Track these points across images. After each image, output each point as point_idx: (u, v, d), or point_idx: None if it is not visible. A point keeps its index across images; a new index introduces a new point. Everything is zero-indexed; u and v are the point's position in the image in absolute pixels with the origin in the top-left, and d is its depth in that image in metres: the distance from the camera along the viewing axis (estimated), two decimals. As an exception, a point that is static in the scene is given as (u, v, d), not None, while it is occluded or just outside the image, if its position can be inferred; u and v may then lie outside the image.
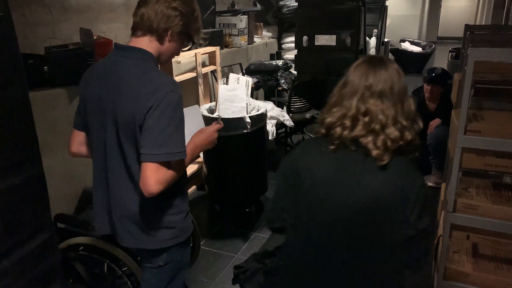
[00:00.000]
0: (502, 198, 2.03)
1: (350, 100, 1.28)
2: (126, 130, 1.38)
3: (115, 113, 1.39)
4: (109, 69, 1.46)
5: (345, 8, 4.60)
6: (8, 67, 1.35)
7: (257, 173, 3.33)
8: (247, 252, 2.92)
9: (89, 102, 1.49)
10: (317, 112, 4.69)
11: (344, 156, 1.27)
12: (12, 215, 1.40)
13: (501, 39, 2.43)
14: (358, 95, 1.27)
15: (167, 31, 1.43)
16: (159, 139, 1.32)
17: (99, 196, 1.56)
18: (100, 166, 1.52)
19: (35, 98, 2.53)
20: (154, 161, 1.32)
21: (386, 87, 1.26)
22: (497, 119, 1.97)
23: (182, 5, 1.43)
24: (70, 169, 2.89)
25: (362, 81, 1.29)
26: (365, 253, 1.25)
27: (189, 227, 1.61)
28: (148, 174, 1.32)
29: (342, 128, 1.27)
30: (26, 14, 2.85)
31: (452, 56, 6.55)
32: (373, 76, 1.28)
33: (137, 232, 1.50)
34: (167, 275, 1.62)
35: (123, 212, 1.49)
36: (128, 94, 1.37)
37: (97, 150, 1.51)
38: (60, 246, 2.03)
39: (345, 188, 1.24)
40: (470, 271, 2.04)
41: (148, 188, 1.32)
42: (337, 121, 1.29)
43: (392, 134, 1.22)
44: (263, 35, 6.01)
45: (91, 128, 1.51)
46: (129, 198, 1.46)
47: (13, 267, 1.41)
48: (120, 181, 1.46)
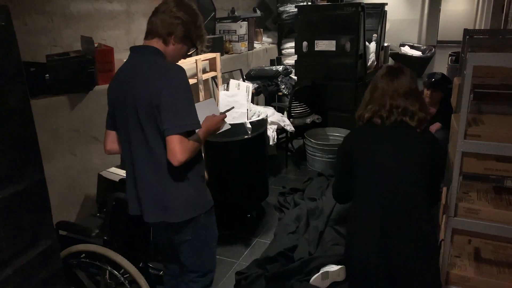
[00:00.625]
0: (503, 202, 2.03)
1: (382, 99, 1.83)
2: (145, 114, 1.62)
3: (134, 101, 1.64)
4: (126, 69, 1.74)
5: (345, 14, 4.62)
6: (9, 75, 1.35)
7: (258, 179, 3.33)
8: (249, 258, 2.91)
9: (115, 102, 1.76)
10: (317, 117, 4.70)
11: (389, 132, 1.83)
12: (13, 222, 1.40)
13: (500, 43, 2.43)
14: (389, 95, 1.82)
15: (171, 36, 1.70)
16: (176, 114, 1.57)
17: (130, 183, 1.80)
18: (128, 155, 1.76)
19: (37, 105, 2.55)
20: (176, 132, 1.56)
21: (408, 88, 1.83)
22: (497, 123, 1.97)
23: (185, 15, 1.70)
24: (71, 176, 2.90)
25: (390, 86, 1.84)
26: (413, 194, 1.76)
27: (208, 202, 1.83)
28: (174, 146, 1.56)
29: (380, 118, 1.83)
30: (28, 22, 2.87)
31: (452, 60, 6.56)
32: (397, 81, 1.84)
33: (160, 208, 1.72)
34: (196, 247, 1.84)
35: (148, 191, 1.72)
36: (142, 82, 1.62)
37: (124, 141, 1.76)
38: (62, 253, 2.03)
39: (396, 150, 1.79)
40: (472, 276, 2.04)
41: (176, 156, 1.56)
42: (374, 115, 1.84)
43: (421, 116, 1.82)
44: (263, 41, 6.03)
45: (118, 124, 1.77)
46: (152, 178, 1.70)
47: (15, 275, 1.41)
48: (145, 166, 1.70)
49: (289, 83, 4.96)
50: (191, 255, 1.87)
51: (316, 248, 2.82)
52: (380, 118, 1.84)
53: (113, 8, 3.57)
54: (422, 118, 1.82)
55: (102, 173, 2.90)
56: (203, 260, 1.91)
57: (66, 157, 2.83)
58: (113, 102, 1.77)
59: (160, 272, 2.73)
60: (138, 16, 3.87)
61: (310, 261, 2.63)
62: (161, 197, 1.71)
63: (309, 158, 4.56)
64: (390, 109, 1.82)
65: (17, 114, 1.40)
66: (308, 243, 2.87)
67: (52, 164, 2.70)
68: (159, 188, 1.70)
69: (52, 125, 2.72)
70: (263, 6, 6.34)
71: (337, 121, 4.84)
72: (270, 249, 2.89)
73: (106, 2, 3.50)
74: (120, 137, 1.79)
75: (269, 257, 2.76)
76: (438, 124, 3.79)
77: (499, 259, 2.14)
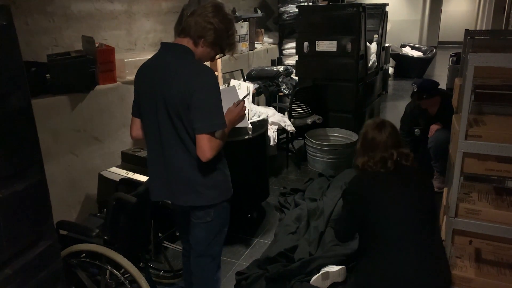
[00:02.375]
0: (504, 203, 2.03)
1: (374, 151, 2.06)
2: (176, 110, 1.72)
3: (164, 97, 1.74)
4: (156, 63, 1.83)
5: (346, 14, 4.62)
6: (10, 75, 1.35)
7: (258, 179, 3.33)
8: (249, 259, 2.91)
9: (142, 93, 1.85)
10: (318, 117, 4.70)
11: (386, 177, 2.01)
12: (14, 222, 1.40)
13: (501, 44, 2.43)
14: (381, 148, 2.05)
15: (201, 39, 1.79)
16: (207, 114, 1.70)
17: (155, 169, 1.90)
18: (155, 143, 1.86)
19: (38, 105, 2.55)
20: (206, 132, 1.69)
21: (395, 139, 2.09)
22: (498, 124, 1.97)
23: (219, 22, 1.78)
24: (72, 176, 2.90)
25: (379, 138, 2.08)
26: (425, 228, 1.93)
27: (231, 189, 1.97)
28: (204, 144, 1.70)
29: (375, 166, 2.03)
30: (29, 22, 2.87)
31: (453, 61, 6.55)
32: (384, 133, 2.09)
33: (191, 192, 1.84)
34: (214, 229, 1.95)
35: (180, 177, 1.84)
36: (174, 80, 1.72)
37: (151, 131, 1.86)
38: (62, 253, 2.03)
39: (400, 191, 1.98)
40: (473, 277, 2.03)
41: (206, 154, 1.70)
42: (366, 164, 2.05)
43: (410, 157, 2.07)
44: (264, 41, 6.03)
45: (144, 114, 1.87)
46: (185, 165, 1.81)
47: (15, 275, 1.41)
48: (176, 152, 1.81)
49: (290, 84, 4.96)
50: (208, 235, 1.96)
51: (317, 248, 2.82)
52: (374, 166, 2.04)
53: (114, 8, 3.57)
54: (412, 159, 2.09)
55: (103, 173, 2.91)
56: (216, 242, 2.01)
57: (66, 156, 2.83)
58: (140, 92, 1.87)
59: (161, 272, 2.74)
60: (139, 16, 3.87)
61: (310, 262, 2.63)
62: (193, 182, 1.83)
63: (310, 158, 4.56)
64: (383, 159, 2.03)
65: (18, 113, 1.40)
66: (309, 243, 2.86)
67: (52, 163, 2.70)
68: (191, 173, 1.82)
69: (53, 125, 2.72)
70: (264, 6, 6.34)
71: (338, 121, 4.83)
72: (271, 249, 2.88)
73: (107, 2, 3.50)
74: (147, 125, 1.89)
75: (270, 257, 2.76)
76: (438, 124, 3.79)
77: (500, 260, 2.13)
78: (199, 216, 1.91)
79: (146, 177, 2.56)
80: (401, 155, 2.05)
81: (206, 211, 1.89)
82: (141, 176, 2.75)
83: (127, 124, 3.26)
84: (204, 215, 1.90)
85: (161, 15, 4.20)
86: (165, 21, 4.27)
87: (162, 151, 1.84)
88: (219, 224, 1.97)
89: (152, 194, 1.97)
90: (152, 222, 2.58)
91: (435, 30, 13.41)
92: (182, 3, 4.45)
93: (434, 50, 9.73)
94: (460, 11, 14.69)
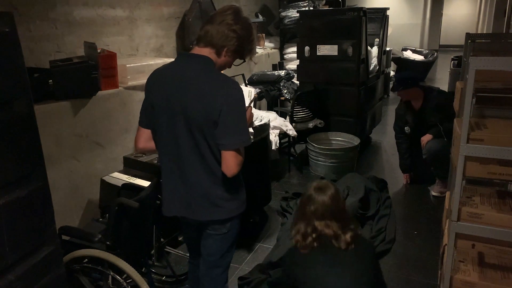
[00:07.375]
0: (507, 206, 2.02)
1: (299, 222, 2.00)
2: (198, 126, 1.65)
3: (185, 110, 1.66)
4: (175, 74, 1.72)
5: (346, 18, 4.63)
6: (13, 81, 1.36)
7: (260, 183, 3.33)
8: (252, 263, 2.91)
9: (157, 103, 1.74)
10: (320, 121, 4.70)
11: (311, 256, 1.93)
12: (17, 228, 1.40)
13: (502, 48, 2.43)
14: (306, 219, 1.98)
15: (224, 48, 1.70)
16: (234, 131, 1.65)
17: (171, 184, 1.82)
18: (172, 157, 1.77)
19: (40, 111, 2.56)
20: (232, 148, 1.66)
21: (329, 210, 1.95)
22: (499, 127, 1.96)
23: (241, 29, 1.70)
24: (74, 181, 2.91)
25: (308, 206, 1.99)
26: None
27: (245, 200, 1.93)
28: (231, 160, 1.67)
29: (303, 240, 1.96)
30: (32, 28, 2.89)
31: (454, 64, 6.55)
32: (316, 201, 1.96)
33: (210, 206, 1.79)
34: (228, 241, 1.92)
35: (199, 192, 1.77)
36: (196, 93, 1.64)
37: (168, 144, 1.76)
38: (65, 258, 2.03)
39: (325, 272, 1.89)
40: (476, 281, 2.02)
41: (232, 170, 1.68)
42: (294, 237, 1.98)
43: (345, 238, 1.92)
44: (265, 45, 6.05)
45: (159, 125, 1.76)
46: (203, 179, 1.75)
47: (18, 281, 1.41)
48: (195, 167, 1.74)
49: (291, 88, 4.97)
50: (222, 247, 1.93)
51: (319, 253, 2.81)
52: (303, 240, 1.94)
53: (116, 14, 3.59)
54: (350, 237, 1.93)
55: (105, 178, 2.91)
56: (228, 253, 2.00)
57: (69, 162, 2.84)
58: (154, 102, 1.75)
59: (163, 277, 2.73)
60: (141, 22, 3.89)
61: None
62: (213, 196, 1.78)
63: (312, 162, 4.56)
64: (312, 232, 1.94)
65: (21, 119, 1.41)
66: (311, 248, 2.86)
67: (55, 169, 2.71)
68: (211, 188, 1.77)
69: (56, 131, 2.73)
70: (265, 11, 6.37)
71: (339, 125, 4.84)
72: (273, 254, 2.88)
73: (109, 8, 3.52)
74: (162, 138, 1.79)
75: (272, 262, 2.75)
76: (428, 136, 3.81)
77: (503, 264, 2.12)
78: (215, 228, 1.86)
79: (148, 182, 2.56)
80: (330, 231, 1.90)
81: (224, 223, 1.85)
82: (143, 181, 2.75)
83: (129, 130, 3.28)
84: (220, 227, 1.86)
85: (163, 21, 4.22)
86: (166, 27, 4.29)
87: (179, 165, 1.77)
88: (234, 235, 1.93)
89: (166, 209, 1.88)
90: (154, 227, 2.59)
91: (436, 34, 13.43)
92: (184, 8, 4.47)
93: (435, 54, 9.73)
94: (461, 15, 14.72)
